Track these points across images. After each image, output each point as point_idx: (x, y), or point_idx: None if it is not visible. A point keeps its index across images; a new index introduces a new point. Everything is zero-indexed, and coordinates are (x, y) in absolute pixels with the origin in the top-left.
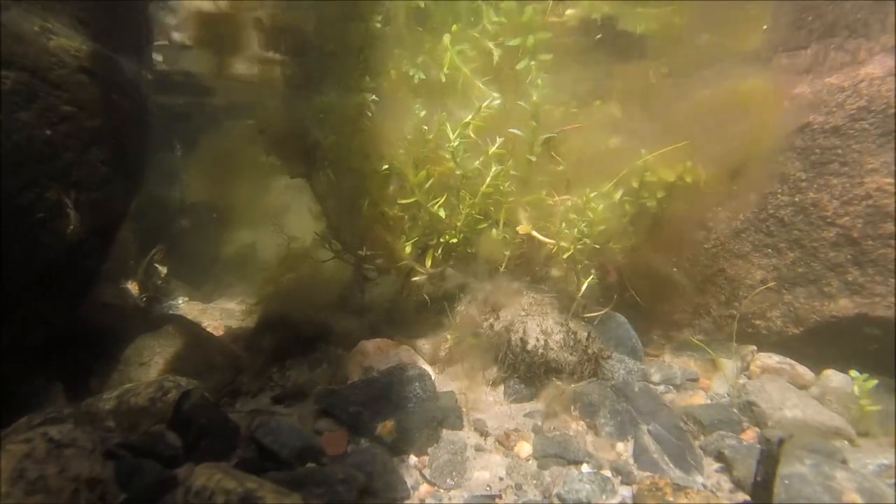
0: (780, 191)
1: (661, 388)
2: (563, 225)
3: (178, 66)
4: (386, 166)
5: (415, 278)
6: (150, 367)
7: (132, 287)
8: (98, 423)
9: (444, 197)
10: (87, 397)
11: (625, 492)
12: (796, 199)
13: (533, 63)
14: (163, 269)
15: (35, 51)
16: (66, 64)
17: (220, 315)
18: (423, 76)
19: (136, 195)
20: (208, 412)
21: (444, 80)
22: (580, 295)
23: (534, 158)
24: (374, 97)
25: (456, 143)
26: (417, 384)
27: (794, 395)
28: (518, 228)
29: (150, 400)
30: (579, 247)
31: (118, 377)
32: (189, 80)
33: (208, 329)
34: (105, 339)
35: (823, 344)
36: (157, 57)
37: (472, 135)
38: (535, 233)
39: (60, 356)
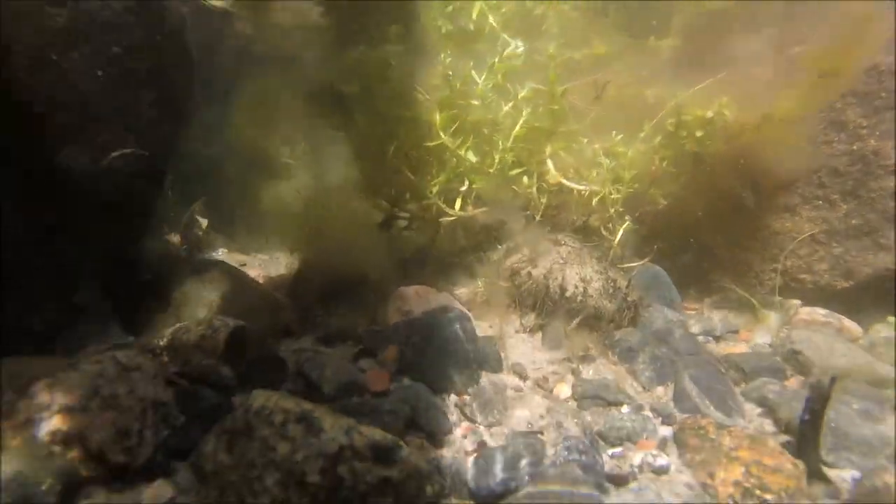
0: (836, 139)
1: (701, 338)
2: (595, 171)
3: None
4: (409, 112)
5: (444, 219)
6: (198, 309)
7: (174, 238)
8: (154, 358)
9: (471, 139)
10: (142, 336)
11: (665, 431)
12: (854, 147)
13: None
14: (203, 221)
15: None
16: (112, 6)
17: (259, 264)
18: (450, 27)
19: (184, 137)
20: (258, 347)
21: (472, 28)
22: (616, 242)
23: (556, 107)
24: (401, 48)
25: (483, 84)
26: (458, 325)
27: (841, 345)
28: (548, 177)
29: (201, 336)
30: (613, 194)
31: (169, 318)
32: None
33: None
34: (155, 283)
35: (874, 298)
36: None
37: (501, 79)
38: (563, 180)
39: (116, 298)
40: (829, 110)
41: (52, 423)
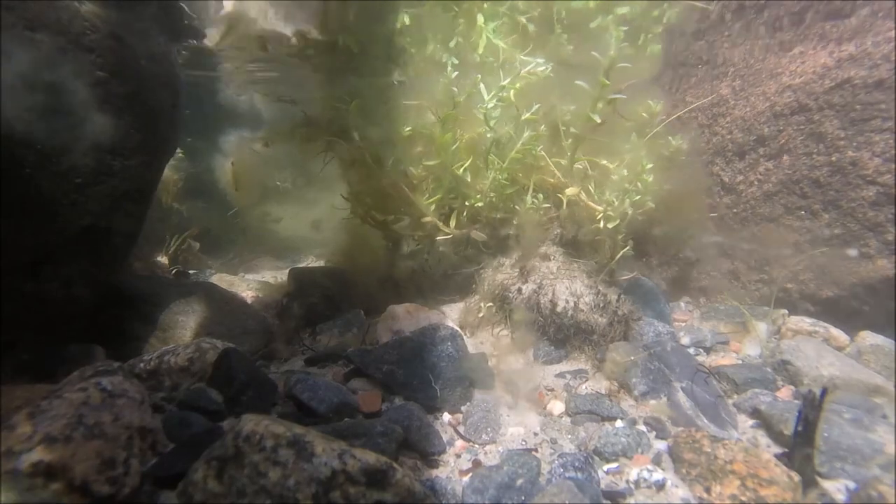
0: (815, 151)
1: (692, 350)
2: (615, 196)
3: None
4: (409, 128)
5: (439, 237)
6: (185, 331)
7: (163, 260)
8: (141, 382)
9: (471, 160)
10: (128, 360)
11: (660, 445)
12: (833, 158)
13: (610, 17)
14: (195, 245)
15: (69, 15)
16: (98, 29)
17: (247, 286)
18: (455, 61)
19: (168, 160)
20: (247, 369)
21: (478, 59)
22: (615, 260)
23: (597, 118)
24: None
25: (491, 104)
26: (450, 344)
27: (830, 354)
28: (567, 191)
29: (188, 360)
30: (610, 211)
31: (156, 341)
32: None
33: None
34: (141, 305)
35: (859, 306)
36: None
37: (513, 98)
38: (583, 195)
39: (101, 322)
40: (807, 122)
41: (33, 455)
